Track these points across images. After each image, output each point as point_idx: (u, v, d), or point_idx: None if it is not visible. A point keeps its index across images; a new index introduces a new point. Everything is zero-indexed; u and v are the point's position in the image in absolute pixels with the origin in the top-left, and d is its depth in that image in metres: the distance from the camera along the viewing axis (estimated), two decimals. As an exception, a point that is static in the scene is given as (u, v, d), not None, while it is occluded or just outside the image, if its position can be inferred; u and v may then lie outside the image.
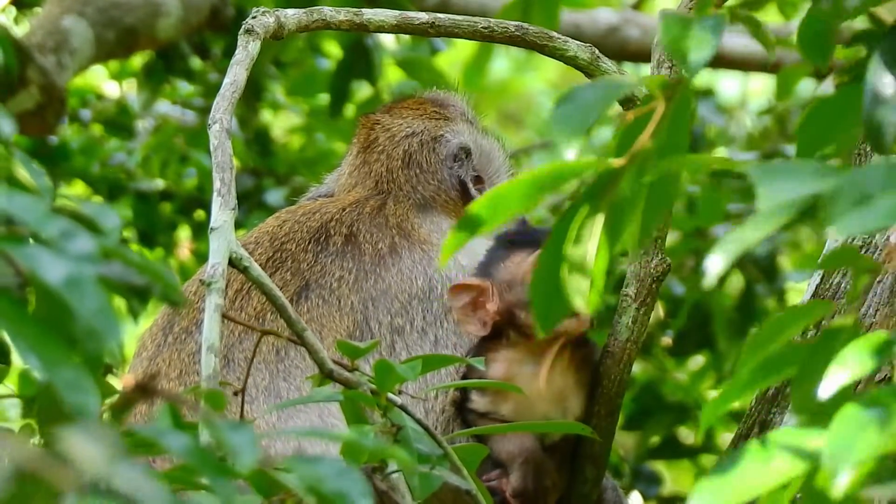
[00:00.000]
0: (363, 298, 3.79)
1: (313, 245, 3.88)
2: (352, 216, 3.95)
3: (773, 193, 2.10)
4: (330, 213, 3.97)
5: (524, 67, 10.70)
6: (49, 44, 5.77)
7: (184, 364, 3.75)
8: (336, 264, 3.84)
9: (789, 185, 2.11)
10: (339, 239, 3.88)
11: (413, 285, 3.83)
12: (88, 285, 1.94)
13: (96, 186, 6.67)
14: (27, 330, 1.97)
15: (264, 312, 3.75)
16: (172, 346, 3.80)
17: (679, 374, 6.42)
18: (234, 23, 6.33)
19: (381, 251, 3.86)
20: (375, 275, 3.83)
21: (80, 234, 1.96)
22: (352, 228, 3.91)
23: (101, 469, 1.74)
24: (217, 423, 2.03)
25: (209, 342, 2.75)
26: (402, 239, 3.91)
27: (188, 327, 3.80)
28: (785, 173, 2.13)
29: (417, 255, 3.89)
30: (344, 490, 2.10)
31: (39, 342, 1.96)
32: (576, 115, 2.28)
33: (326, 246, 3.87)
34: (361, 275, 3.82)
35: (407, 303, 3.81)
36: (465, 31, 3.68)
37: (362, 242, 3.88)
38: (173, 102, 6.92)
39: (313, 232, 3.91)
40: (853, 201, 2.04)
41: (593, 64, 3.69)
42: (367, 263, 3.84)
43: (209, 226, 2.98)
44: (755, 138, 6.87)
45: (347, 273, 3.83)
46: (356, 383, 2.85)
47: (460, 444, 3.17)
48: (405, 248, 3.89)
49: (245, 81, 3.31)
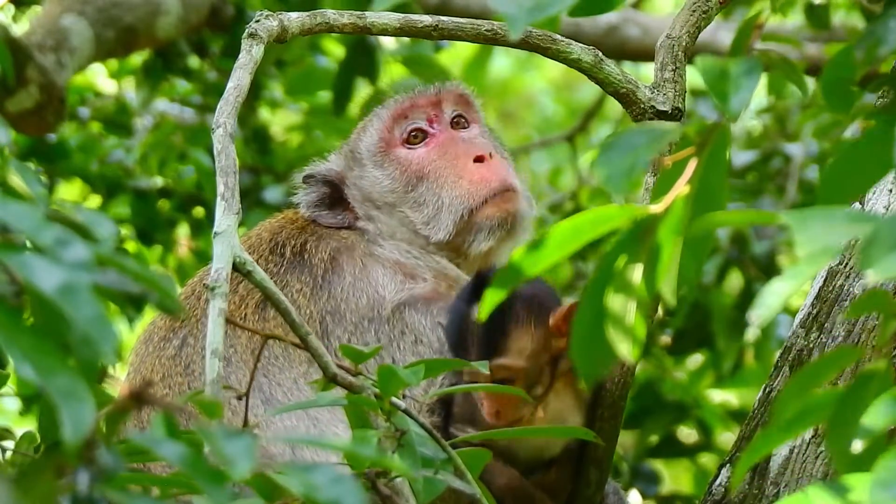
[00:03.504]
0: (321, 311, 3.83)
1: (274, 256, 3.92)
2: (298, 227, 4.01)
3: (811, 240, 2.10)
4: (279, 225, 4.04)
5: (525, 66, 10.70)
6: (48, 43, 5.76)
7: (165, 368, 3.77)
8: (294, 276, 3.87)
9: (826, 231, 2.11)
10: (289, 251, 3.91)
11: (359, 303, 3.85)
12: (83, 293, 1.93)
13: (95, 184, 6.67)
14: (22, 338, 1.96)
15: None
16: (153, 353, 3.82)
17: (678, 372, 6.42)
18: (233, 22, 6.33)
19: (326, 263, 3.90)
20: (328, 289, 3.86)
21: (75, 241, 1.95)
22: (300, 240, 3.96)
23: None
24: (213, 432, 2.02)
25: (213, 346, 2.74)
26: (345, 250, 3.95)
27: (166, 335, 3.84)
28: (821, 219, 2.14)
29: (358, 269, 3.91)
30: (339, 498, 2.09)
31: (34, 350, 1.95)
32: (621, 163, 2.27)
33: (282, 257, 3.91)
34: (316, 287, 3.86)
35: (359, 323, 3.83)
36: (469, 34, 3.66)
37: (309, 255, 3.91)
38: (172, 100, 6.92)
39: (269, 244, 3.95)
40: (891, 245, 2.05)
41: (596, 67, 3.68)
42: (319, 276, 3.87)
43: (213, 230, 2.97)
44: (755, 137, 6.87)
45: (305, 286, 3.85)
46: (360, 387, 2.84)
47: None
48: (346, 261, 3.92)
49: (249, 85, 3.31)
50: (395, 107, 4.14)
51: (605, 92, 3.81)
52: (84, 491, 2.02)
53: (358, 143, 4.14)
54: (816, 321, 3.60)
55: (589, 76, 3.71)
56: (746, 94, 2.32)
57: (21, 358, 1.93)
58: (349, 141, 4.20)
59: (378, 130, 4.12)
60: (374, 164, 4.08)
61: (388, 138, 4.10)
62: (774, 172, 6.66)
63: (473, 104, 4.21)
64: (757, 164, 6.68)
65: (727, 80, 2.33)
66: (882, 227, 2.07)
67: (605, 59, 3.71)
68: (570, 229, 2.31)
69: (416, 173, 4.05)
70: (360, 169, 4.09)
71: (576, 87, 10.76)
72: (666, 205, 2.28)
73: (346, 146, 4.19)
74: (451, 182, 4.01)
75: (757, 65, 2.34)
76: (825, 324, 3.59)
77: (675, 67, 3.71)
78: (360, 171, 4.09)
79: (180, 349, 3.80)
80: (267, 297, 2.92)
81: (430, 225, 4.00)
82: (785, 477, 3.51)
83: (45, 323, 1.97)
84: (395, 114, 4.12)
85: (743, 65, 2.35)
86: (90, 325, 1.92)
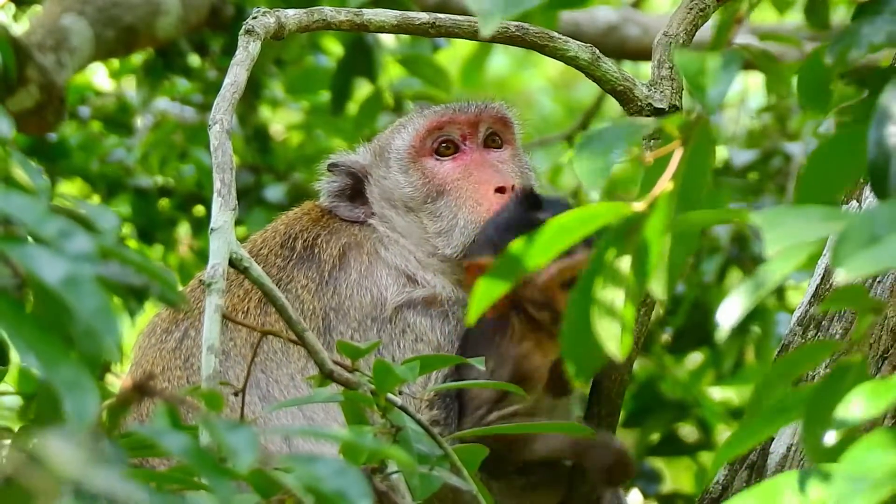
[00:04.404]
0: (324, 307, 3.84)
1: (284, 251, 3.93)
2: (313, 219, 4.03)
3: (780, 238, 2.10)
4: (296, 217, 4.06)
5: (523, 64, 10.70)
6: (49, 42, 5.77)
7: (165, 361, 3.79)
8: (301, 271, 3.88)
9: (796, 229, 2.12)
10: (300, 245, 3.93)
11: (363, 301, 3.86)
12: (86, 285, 1.93)
13: (95, 183, 6.68)
14: (26, 329, 1.97)
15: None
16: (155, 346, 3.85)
17: (678, 371, 6.42)
18: (233, 21, 6.34)
19: (334, 259, 3.91)
20: (333, 285, 3.88)
21: (78, 233, 1.95)
22: (312, 234, 3.98)
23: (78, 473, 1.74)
24: (215, 423, 2.03)
25: (209, 342, 2.75)
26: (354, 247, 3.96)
27: (168, 327, 3.86)
28: (792, 218, 2.14)
29: (364, 267, 3.93)
30: (343, 489, 2.10)
31: (38, 341, 1.96)
32: (598, 157, 2.29)
33: (293, 251, 3.92)
34: (322, 283, 3.87)
35: (362, 320, 3.84)
36: (466, 32, 3.66)
37: (319, 249, 3.92)
38: (172, 99, 6.92)
39: (282, 237, 3.98)
40: (861, 243, 2.05)
41: (594, 64, 3.68)
42: (326, 272, 3.89)
43: (210, 226, 2.98)
44: (755, 136, 6.87)
45: (311, 281, 3.87)
46: (356, 384, 2.84)
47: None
48: (354, 257, 3.94)
49: (245, 82, 3.31)
50: (433, 117, 4.11)
51: (602, 89, 3.81)
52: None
53: (389, 142, 4.12)
54: (814, 319, 3.61)
55: (586, 74, 3.71)
56: (724, 87, 2.32)
57: (25, 349, 1.94)
58: (380, 137, 4.19)
59: (411, 136, 4.10)
60: (399, 168, 4.07)
61: (418, 146, 4.08)
62: (775, 171, 6.66)
63: (512, 126, 4.18)
64: (757, 163, 6.68)
65: (705, 74, 2.34)
66: (853, 225, 2.07)
67: (603, 56, 3.72)
68: (560, 227, 2.32)
69: (438, 187, 4.03)
70: (385, 168, 4.09)
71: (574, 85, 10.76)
72: (649, 202, 2.29)
73: (376, 141, 4.17)
74: (470, 205, 3.98)
75: (735, 58, 2.35)
76: (822, 322, 3.59)
77: (672, 65, 3.72)
78: (385, 170, 4.09)
79: (181, 342, 3.82)
80: (264, 294, 2.93)
81: (442, 238, 3.99)
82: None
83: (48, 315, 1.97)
84: (432, 125, 4.09)
85: (721, 58, 2.36)
86: (93, 316, 1.93)
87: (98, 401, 1.91)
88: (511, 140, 4.17)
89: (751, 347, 6.37)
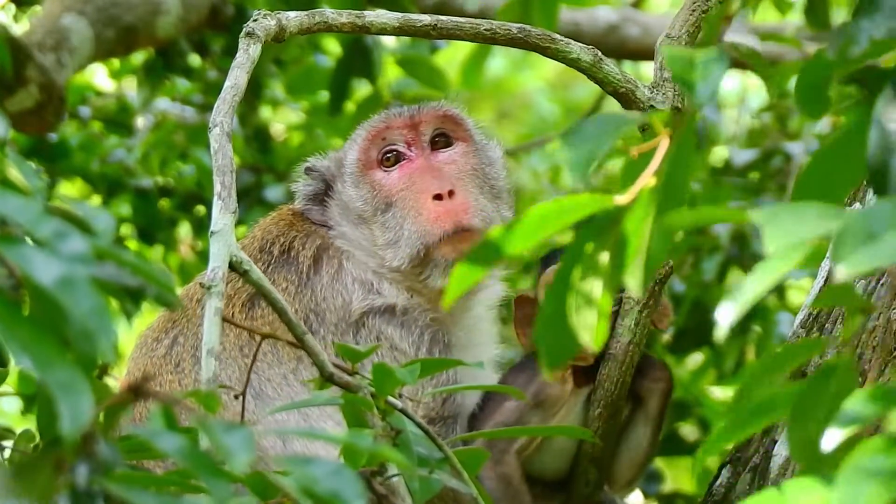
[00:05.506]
0: (304, 308, 3.84)
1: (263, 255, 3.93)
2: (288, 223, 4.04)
3: (779, 235, 2.10)
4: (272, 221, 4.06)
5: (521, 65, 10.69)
6: (49, 42, 5.77)
7: (156, 367, 3.80)
8: (280, 274, 3.88)
9: (796, 226, 2.11)
10: (277, 249, 3.93)
11: (336, 304, 3.86)
12: (82, 286, 1.93)
13: (95, 183, 6.67)
14: (21, 330, 1.96)
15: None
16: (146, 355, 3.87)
17: (679, 371, 6.42)
18: (233, 21, 6.34)
19: (309, 261, 3.91)
20: (310, 287, 3.88)
21: (74, 234, 1.95)
22: (289, 237, 3.98)
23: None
24: (212, 425, 2.03)
25: (209, 345, 2.74)
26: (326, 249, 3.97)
27: (158, 336, 3.89)
28: (791, 215, 2.14)
29: (334, 270, 3.93)
30: (338, 490, 2.09)
31: (33, 343, 1.95)
32: (583, 149, 2.28)
33: (271, 255, 3.92)
34: (301, 285, 3.87)
35: (338, 324, 3.84)
36: (468, 33, 3.65)
37: (296, 252, 3.93)
38: (173, 99, 6.92)
39: (260, 242, 3.98)
40: (861, 239, 2.05)
41: (596, 66, 3.67)
42: (304, 273, 3.89)
43: (210, 229, 2.97)
44: (755, 135, 6.87)
45: (290, 284, 3.87)
46: (356, 387, 2.84)
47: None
48: (326, 261, 3.94)
49: (246, 84, 3.30)
50: (370, 128, 4.06)
51: (604, 91, 3.81)
52: (83, 484, 2.02)
53: (344, 156, 4.10)
54: (817, 321, 3.61)
55: (588, 76, 3.70)
56: (713, 84, 2.32)
57: (20, 350, 1.93)
58: (342, 148, 4.18)
59: (356, 150, 4.06)
60: (352, 182, 4.03)
61: (364, 159, 4.03)
62: (775, 171, 6.66)
63: (462, 122, 4.10)
64: (758, 162, 6.68)
65: (693, 69, 2.34)
66: (852, 222, 2.07)
67: (605, 58, 3.71)
68: (540, 216, 2.31)
69: (385, 199, 3.98)
70: (342, 182, 4.06)
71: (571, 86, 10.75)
72: (632, 196, 2.29)
73: (339, 152, 4.16)
74: (412, 216, 3.93)
75: (724, 54, 2.35)
76: (825, 324, 3.59)
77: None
78: (342, 184, 4.06)
79: (171, 348, 3.83)
80: (264, 297, 2.93)
81: (390, 250, 3.94)
82: (785, 478, 3.51)
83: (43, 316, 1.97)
84: (370, 135, 4.04)
85: (709, 54, 2.35)
86: (89, 318, 1.92)
87: (93, 403, 1.91)
88: (464, 136, 4.09)
89: (752, 347, 6.36)
